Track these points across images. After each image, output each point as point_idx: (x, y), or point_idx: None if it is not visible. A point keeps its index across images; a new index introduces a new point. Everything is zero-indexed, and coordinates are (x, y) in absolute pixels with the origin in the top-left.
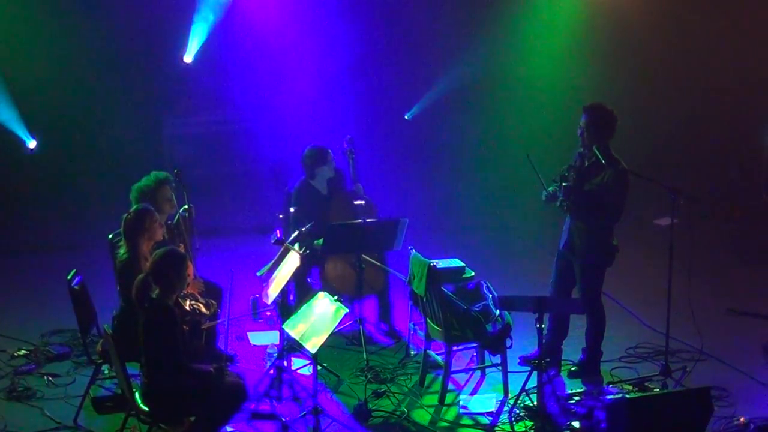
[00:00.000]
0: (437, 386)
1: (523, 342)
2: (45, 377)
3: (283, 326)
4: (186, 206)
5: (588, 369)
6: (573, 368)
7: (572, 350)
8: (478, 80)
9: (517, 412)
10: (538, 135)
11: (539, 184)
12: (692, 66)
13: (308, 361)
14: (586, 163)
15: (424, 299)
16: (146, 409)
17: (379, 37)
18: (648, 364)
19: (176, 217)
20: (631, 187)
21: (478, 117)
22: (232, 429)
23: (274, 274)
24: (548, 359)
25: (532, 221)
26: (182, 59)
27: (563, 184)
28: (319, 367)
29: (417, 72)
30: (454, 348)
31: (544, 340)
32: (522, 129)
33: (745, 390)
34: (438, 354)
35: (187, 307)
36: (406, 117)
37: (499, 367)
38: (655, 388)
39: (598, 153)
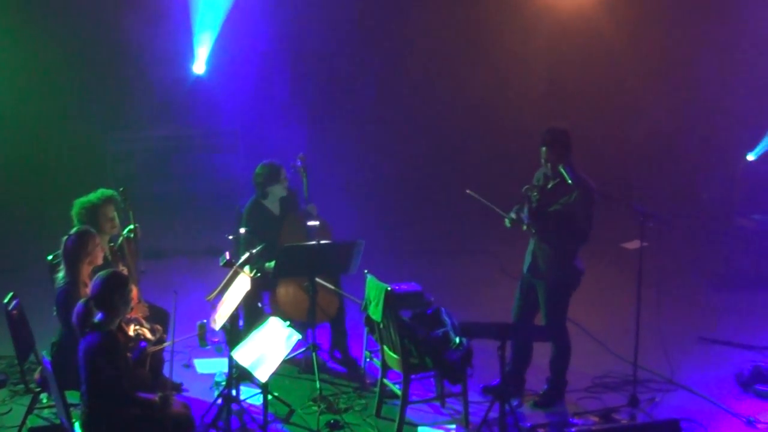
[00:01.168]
0: (394, 417)
1: (486, 371)
2: None
3: (232, 353)
4: (131, 226)
5: (552, 399)
6: (537, 398)
7: (536, 380)
8: (437, 94)
9: None
10: (499, 156)
11: (497, 212)
12: (661, 88)
13: (258, 390)
14: (551, 184)
15: (381, 325)
16: None
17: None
18: (615, 394)
19: (120, 239)
20: (596, 208)
21: (434, 139)
22: None
23: (222, 299)
24: (511, 388)
25: (495, 243)
26: (127, 72)
27: (529, 205)
28: (269, 397)
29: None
30: (412, 377)
31: (507, 369)
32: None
33: (715, 421)
34: (395, 383)
35: (131, 333)
36: None
37: (460, 397)
38: (622, 420)
39: (564, 173)
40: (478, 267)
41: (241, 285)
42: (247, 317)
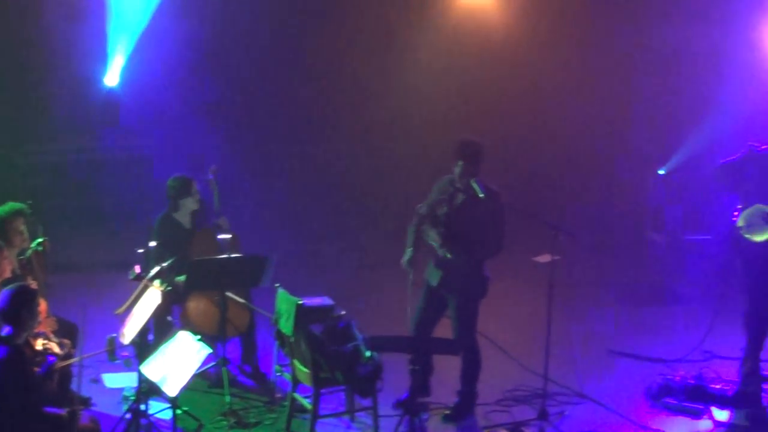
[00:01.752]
0: (304, 431)
1: (397, 385)
2: None
3: (141, 367)
4: (40, 240)
5: (463, 412)
6: (447, 412)
7: (446, 393)
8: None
9: None
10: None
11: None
12: (576, 101)
13: (167, 405)
14: (460, 199)
15: (291, 339)
16: None
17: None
18: (525, 408)
19: (28, 252)
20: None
21: (349, 151)
22: None
23: (132, 313)
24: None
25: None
26: (39, 85)
27: (441, 230)
28: (178, 411)
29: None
30: (323, 391)
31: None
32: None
33: None
34: (305, 397)
35: (39, 347)
36: None
37: (370, 411)
38: None
39: (476, 187)
40: (391, 281)
41: (151, 299)
42: (157, 331)
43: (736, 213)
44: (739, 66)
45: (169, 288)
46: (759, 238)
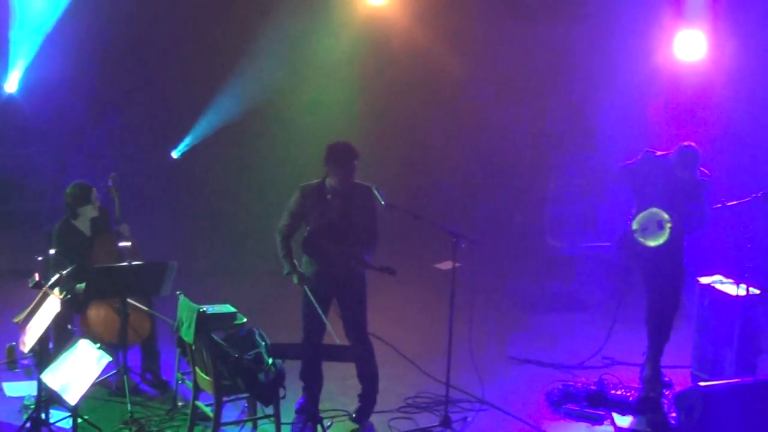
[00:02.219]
0: None
1: (300, 392)
2: None
3: (41, 376)
4: None
5: (368, 413)
6: (352, 416)
7: (349, 399)
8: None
9: None
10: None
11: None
12: (481, 105)
13: (68, 414)
14: (336, 202)
15: (193, 347)
16: None
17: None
18: (427, 415)
19: None
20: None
21: (253, 152)
22: None
23: (31, 321)
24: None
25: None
26: None
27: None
28: (79, 420)
29: (183, 105)
30: (225, 399)
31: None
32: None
33: None
34: (207, 405)
35: None
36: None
37: (272, 419)
38: None
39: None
40: (293, 288)
41: (51, 307)
42: (57, 339)
43: (630, 217)
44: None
45: (69, 296)
46: (653, 242)
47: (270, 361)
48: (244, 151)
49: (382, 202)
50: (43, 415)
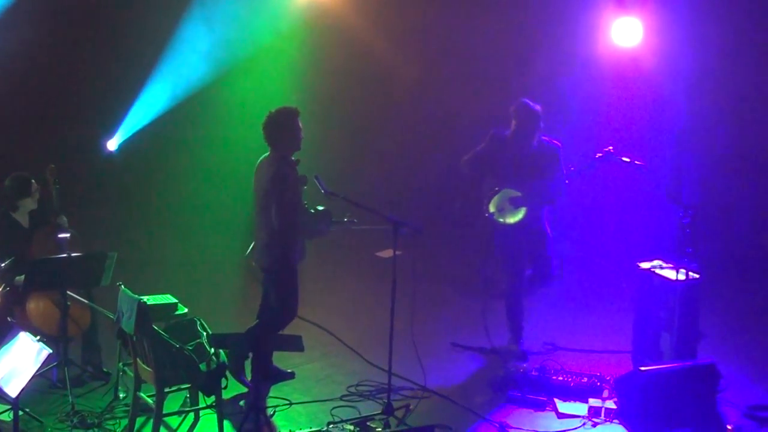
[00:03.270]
0: (148, 430)
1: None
2: None
3: None
4: None
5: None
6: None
7: (292, 389)
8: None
9: None
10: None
11: None
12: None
13: (8, 407)
14: None
15: (134, 338)
16: None
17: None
18: (370, 403)
19: None
20: None
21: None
22: None
23: None
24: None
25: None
26: None
27: None
28: (20, 413)
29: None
30: (166, 389)
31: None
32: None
33: (469, 426)
34: (149, 396)
35: None
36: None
37: (214, 409)
38: (377, 428)
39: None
40: (235, 278)
41: None
42: None
43: (486, 201)
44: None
45: (8, 288)
46: (512, 220)
47: (212, 350)
48: (180, 139)
49: (323, 191)
50: None
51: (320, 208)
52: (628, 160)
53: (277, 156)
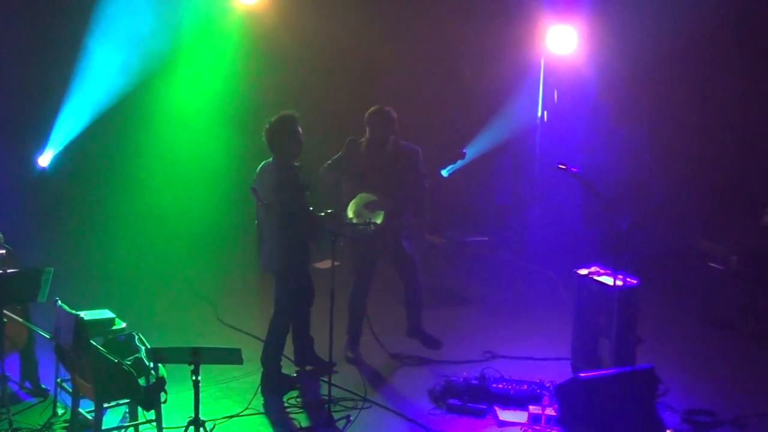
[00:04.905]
0: None
1: (183, 395)
2: None
3: None
4: None
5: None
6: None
7: (232, 401)
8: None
9: None
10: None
11: None
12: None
13: None
14: None
15: (72, 354)
16: None
17: None
18: (311, 414)
19: None
20: None
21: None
22: None
23: None
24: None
25: (188, 268)
26: None
27: None
28: None
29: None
30: (105, 405)
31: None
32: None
33: None
34: (88, 412)
35: None
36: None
37: (154, 424)
38: None
39: None
40: (174, 292)
41: None
42: None
43: (344, 207)
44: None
45: None
46: (371, 226)
47: (150, 365)
48: (109, 150)
49: (259, 203)
50: None
51: (329, 211)
52: (564, 167)
53: (279, 162)
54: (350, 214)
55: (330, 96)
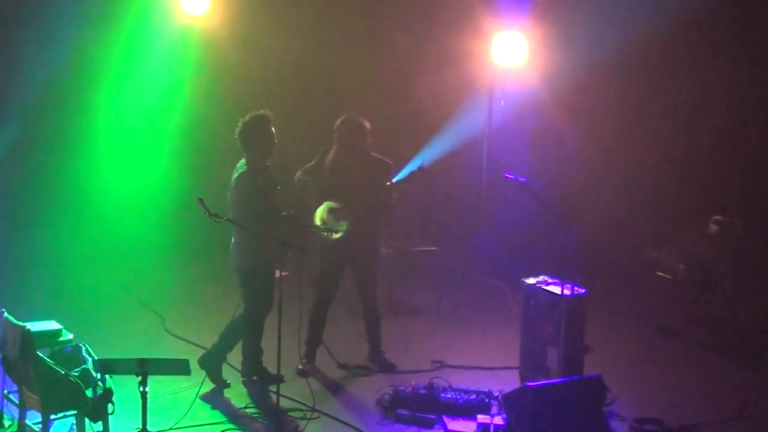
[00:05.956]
0: None
1: (130, 407)
2: None
3: None
4: None
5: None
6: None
7: (180, 413)
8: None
9: None
10: None
11: None
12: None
13: None
14: None
15: (18, 365)
16: None
17: None
18: (258, 425)
19: None
20: None
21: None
22: None
23: None
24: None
25: (129, 276)
26: None
27: None
28: None
29: None
30: (52, 417)
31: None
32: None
33: None
34: (35, 424)
35: None
36: None
37: None
38: None
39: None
40: (121, 303)
41: None
42: None
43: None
44: None
45: None
46: (336, 235)
47: (98, 376)
48: (54, 153)
49: (206, 214)
50: None
51: (291, 212)
52: (511, 176)
53: (250, 162)
54: (317, 221)
55: (279, 108)
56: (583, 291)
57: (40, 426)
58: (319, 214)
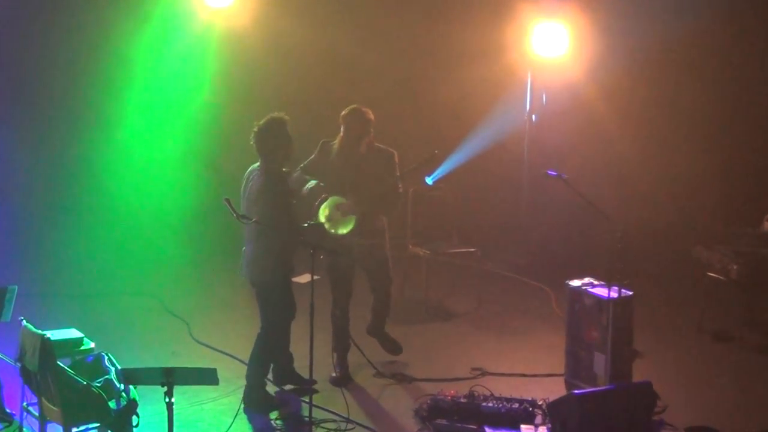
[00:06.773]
0: None
1: (156, 417)
2: None
3: None
4: None
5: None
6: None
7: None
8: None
9: None
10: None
11: None
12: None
13: None
14: None
15: (38, 376)
16: None
17: None
18: None
19: None
20: None
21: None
22: None
23: None
24: None
25: (156, 284)
26: None
27: None
28: None
29: None
30: (74, 429)
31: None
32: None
33: None
34: None
35: None
36: None
37: None
38: None
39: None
40: (145, 310)
41: None
42: None
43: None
44: None
45: None
46: (343, 230)
47: (121, 387)
48: (75, 160)
49: (234, 215)
50: None
51: (311, 222)
52: (554, 173)
53: (267, 167)
54: (322, 217)
55: (305, 99)
56: (630, 293)
57: None
58: (325, 209)
